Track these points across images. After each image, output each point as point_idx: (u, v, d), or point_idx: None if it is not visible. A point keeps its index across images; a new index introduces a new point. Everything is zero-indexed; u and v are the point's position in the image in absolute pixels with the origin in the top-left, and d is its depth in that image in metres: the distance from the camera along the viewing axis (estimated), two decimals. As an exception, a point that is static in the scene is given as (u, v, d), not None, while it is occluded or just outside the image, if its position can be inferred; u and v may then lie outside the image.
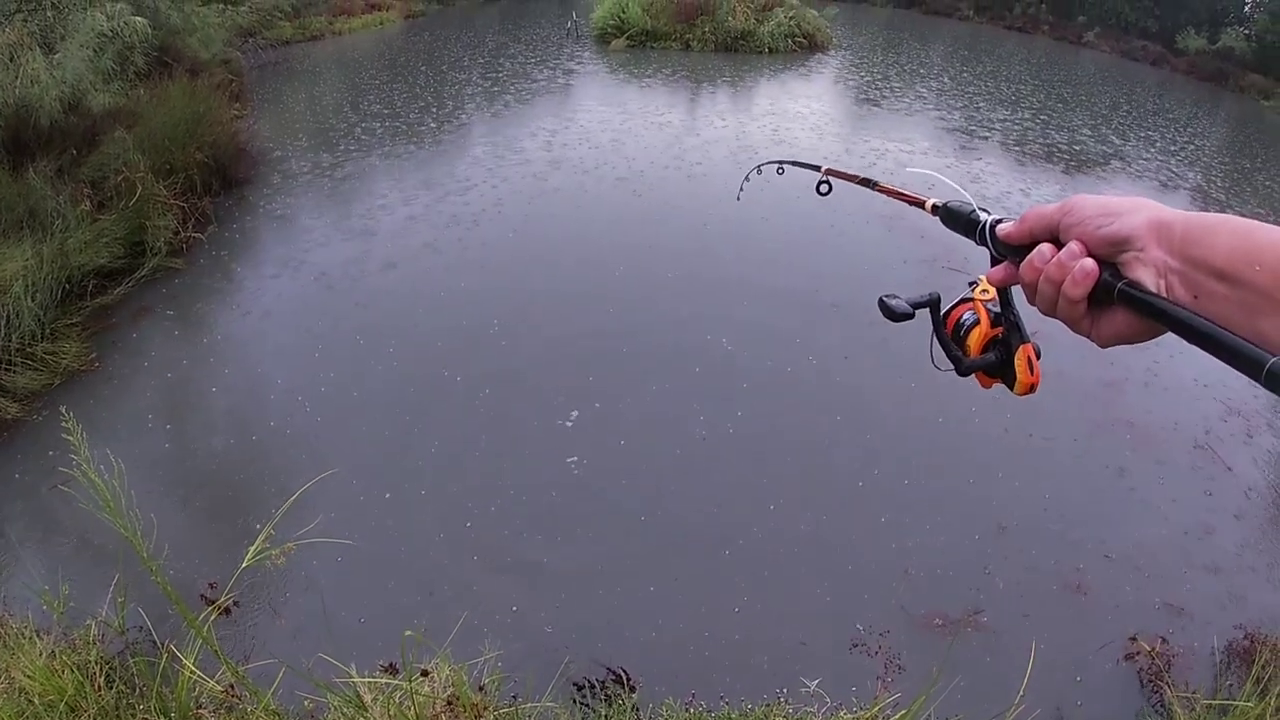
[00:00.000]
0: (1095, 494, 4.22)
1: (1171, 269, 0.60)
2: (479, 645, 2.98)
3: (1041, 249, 0.69)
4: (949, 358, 0.84)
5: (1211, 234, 0.57)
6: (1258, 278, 0.53)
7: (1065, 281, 0.65)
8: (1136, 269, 0.62)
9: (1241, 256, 0.55)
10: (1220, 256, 0.56)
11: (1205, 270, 0.57)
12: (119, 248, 5.77)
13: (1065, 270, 0.65)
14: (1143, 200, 0.63)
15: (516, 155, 9.06)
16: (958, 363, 0.82)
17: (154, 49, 8.89)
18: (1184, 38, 23.48)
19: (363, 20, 18.76)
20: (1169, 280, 0.60)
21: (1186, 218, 0.60)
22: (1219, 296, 0.56)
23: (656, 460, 4.26)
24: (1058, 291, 0.67)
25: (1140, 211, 0.62)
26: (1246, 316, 0.54)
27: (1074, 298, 0.65)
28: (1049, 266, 0.67)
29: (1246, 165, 12.39)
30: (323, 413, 4.51)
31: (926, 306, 0.85)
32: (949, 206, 0.89)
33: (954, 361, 0.83)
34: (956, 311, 0.85)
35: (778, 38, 16.98)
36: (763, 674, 3.11)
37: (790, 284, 6.24)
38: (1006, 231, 0.75)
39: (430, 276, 6.13)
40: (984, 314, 0.82)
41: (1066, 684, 3.14)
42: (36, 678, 2.32)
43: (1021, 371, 0.78)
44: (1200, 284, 0.58)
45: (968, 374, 0.82)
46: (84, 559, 3.44)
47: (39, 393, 4.50)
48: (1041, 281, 0.68)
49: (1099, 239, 0.64)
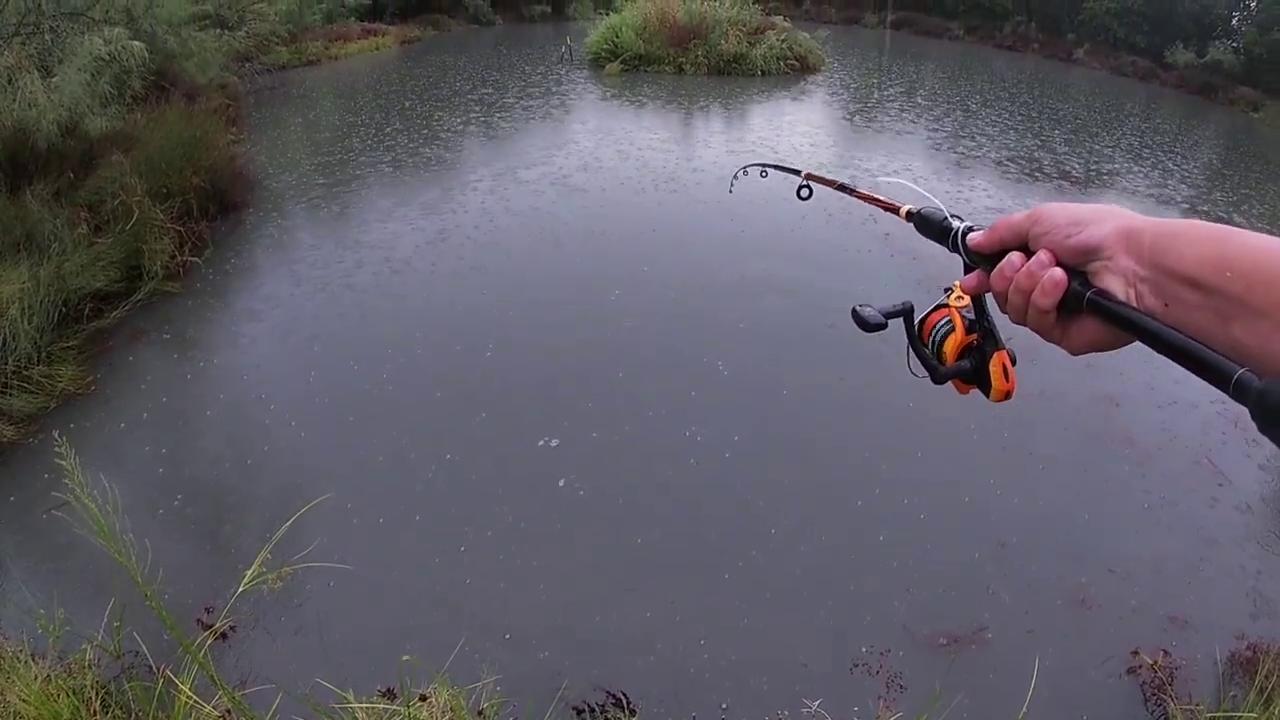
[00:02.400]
0: (1096, 509, 4.20)
1: (1141, 277, 0.59)
2: (477, 669, 2.96)
3: (1011, 258, 0.69)
4: (924, 366, 0.84)
5: (1181, 241, 0.57)
6: (1230, 284, 0.53)
7: (1034, 291, 0.65)
8: (1106, 278, 0.61)
9: (1212, 263, 0.54)
10: (1190, 264, 0.55)
11: (1176, 278, 0.56)
12: (116, 271, 5.77)
13: (1034, 280, 0.65)
14: (1111, 208, 0.63)
15: (512, 179, 9.10)
16: (933, 371, 0.82)
17: (151, 73, 8.95)
18: (1173, 52, 23.73)
19: (359, 45, 18.93)
20: (1139, 289, 0.59)
21: (1155, 225, 0.59)
22: (1191, 304, 0.56)
23: (653, 482, 4.24)
24: (1027, 301, 0.66)
25: (1108, 220, 0.62)
26: (1220, 324, 0.54)
27: (1043, 307, 0.65)
28: (1018, 276, 0.67)
29: (1238, 180, 12.47)
30: (318, 437, 4.50)
31: (900, 316, 0.85)
32: (922, 213, 0.89)
33: (929, 370, 0.83)
34: (932, 318, 0.84)
35: (770, 60, 17.15)
36: (763, 695, 3.09)
37: (786, 305, 6.26)
38: (977, 241, 0.75)
39: (425, 300, 6.13)
40: (959, 321, 0.81)
41: (1070, 699, 3.12)
42: (32, 702, 2.30)
43: (997, 378, 0.77)
44: (1171, 292, 0.57)
45: (943, 382, 0.82)
46: (80, 583, 3.41)
47: (35, 415, 4.49)
48: (1011, 291, 0.68)
49: (1068, 248, 0.64)
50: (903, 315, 0.85)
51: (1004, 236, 0.71)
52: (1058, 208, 0.66)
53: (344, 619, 3.32)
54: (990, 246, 0.73)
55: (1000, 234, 0.71)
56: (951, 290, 0.83)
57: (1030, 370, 5.33)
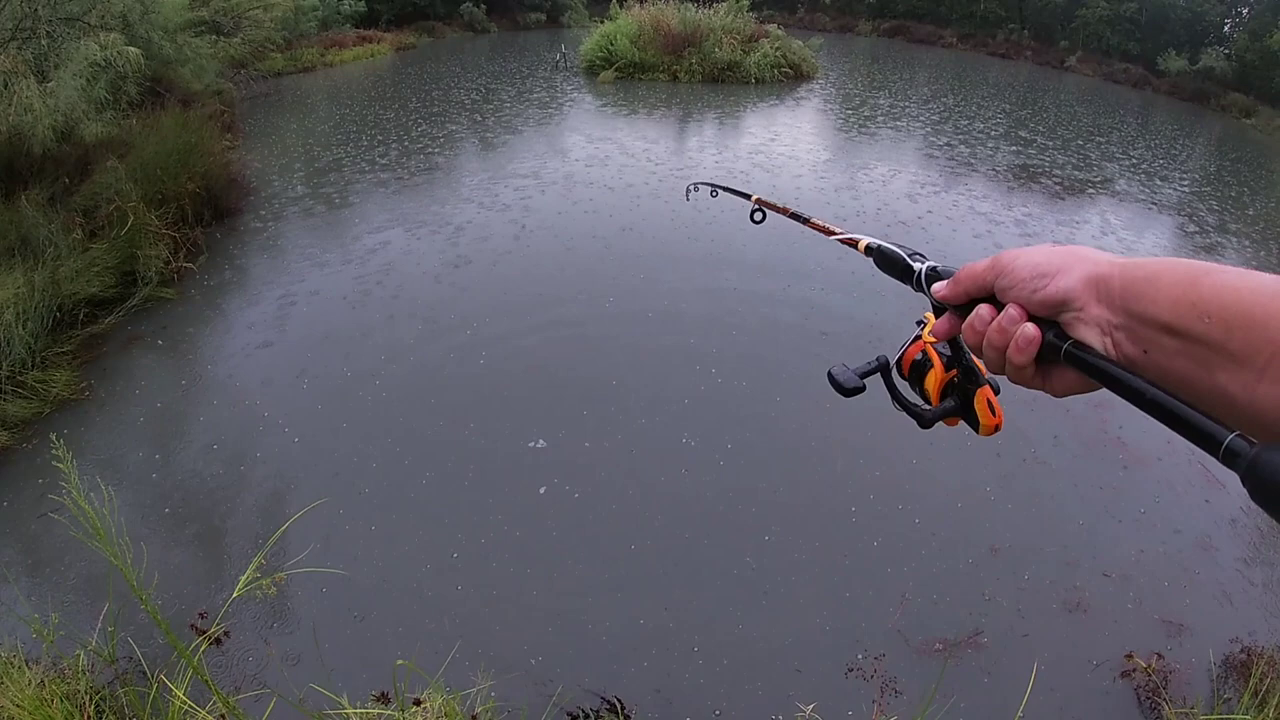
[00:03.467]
0: (1091, 513, 4.22)
1: (1115, 325, 0.57)
2: (471, 675, 2.96)
3: (980, 312, 0.66)
4: (910, 414, 0.81)
5: (1152, 286, 0.54)
6: (1208, 330, 0.50)
7: (1009, 347, 0.62)
8: (1079, 329, 0.59)
9: (1187, 309, 0.51)
10: (1165, 310, 0.53)
11: (1151, 325, 0.54)
12: (110, 276, 5.78)
13: (1006, 336, 0.63)
14: (1076, 252, 0.61)
15: (506, 188, 9.12)
16: (919, 417, 0.79)
17: (147, 79, 8.97)
18: (1165, 59, 23.90)
19: (354, 52, 18.98)
20: (1114, 337, 0.57)
21: (1124, 269, 0.57)
22: (1170, 351, 0.53)
23: (646, 489, 4.24)
24: (1003, 355, 0.64)
25: (1074, 269, 0.59)
26: (1202, 371, 0.51)
27: (1019, 364, 0.63)
28: (990, 331, 0.64)
29: (1231, 186, 12.54)
30: (311, 443, 4.49)
31: (876, 372, 0.82)
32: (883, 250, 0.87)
33: (914, 416, 0.80)
34: (910, 353, 0.82)
35: (764, 68, 17.24)
36: (758, 700, 3.09)
37: (780, 314, 6.28)
38: (942, 294, 0.72)
39: (418, 307, 6.13)
40: (936, 358, 0.79)
41: (1066, 702, 3.12)
42: (26, 707, 2.29)
43: (983, 415, 0.75)
44: (1148, 339, 0.54)
45: (930, 426, 0.79)
46: (74, 588, 3.40)
47: (29, 421, 4.48)
48: (985, 345, 0.65)
49: (1036, 302, 0.61)
50: (879, 371, 0.82)
51: (968, 288, 0.68)
52: (1020, 258, 0.63)
53: (338, 624, 3.32)
54: (956, 298, 0.70)
55: (964, 285, 0.68)
56: (924, 323, 0.81)
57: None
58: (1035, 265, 0.61)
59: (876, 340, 5.70)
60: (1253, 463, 0.44)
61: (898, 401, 0.82)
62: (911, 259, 0.81)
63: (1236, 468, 0.46)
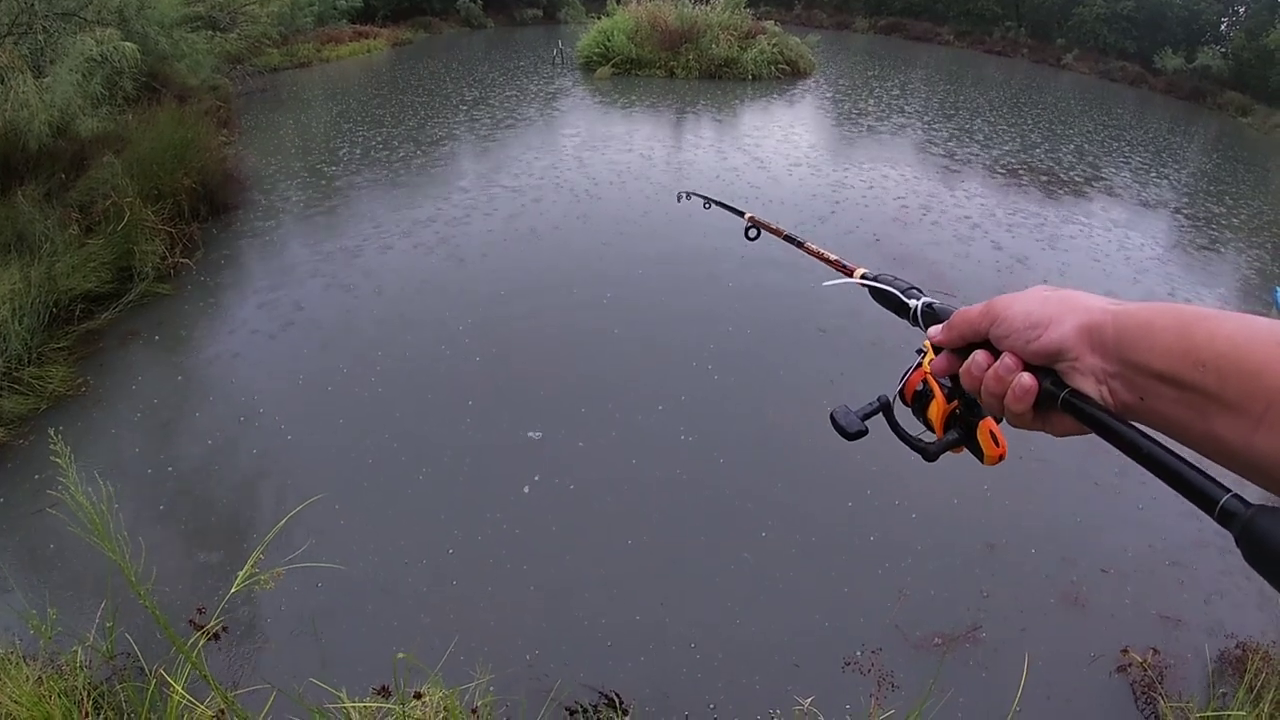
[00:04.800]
0: (1089, 510, 4.23)
1: (1111, 373, 0.57)
2: (470, 669, 2.96)
3: (976, 359, 0.67)
4: (914, 448, 0.80)
5: (1147, 334, 0.54)
6: (1203, 379, 0.50)
7: (1006, 395, 0.63)
8: (1075, 377, 0.59)
9: (1180, 357, 0.51)
10: (1159, 359, 0.53)
11: (1146, 374, 0.54)
12: (107, 272, 5.76)
13: (1003, 384, 0.63)
14: (1069, 300, 0.61)
15: (502, 183, 9.12)
16: (923, 451, 0.79)
17: (143, 74, 8.94)
18: (1162, 57, 23.94)
19: (350, 48, 18.93)
20: (1110, 385, 0.57)
21: (1117, 316, 0.57)
22: (1166, 399, 0.53)
23: (644, 486, 4.24)
24: (1000, 402, 0.65)
25: (1066, 319, 0.59)
26: (1199, 419, 0.51)
27: (1017, 412, 0.63)
28: (986, 379, 0.65)
29: (1227, 185, 12.57)
30: (308, 438, 4.49)
31: (878, 412, 0.82)
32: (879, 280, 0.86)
33: (919, 450, 0.80)
34: (912, 381, 0.82)
35: (761, 64, 17.23)
36: (755, 694, 3.10)
37: (778, 310, 6.28)
38: (937, 339, 0.73)
39: (415, 302, 6.13)
40: (937, 389, 0.78)
41: (1062, 697, 3.13)
42: (23, 704, 2.29)
43: (987, 446, 0.75)
44: (1144, 387, 0.55)
45: (935, 458, 0.79)
46: (71, 584, 3.40)
47: (26, 417, 4.47)
48: (983, 391, 0.66)
49: (1031, 352, 0.61)
50: (881, 411, 0.82)
51: (964, 333, 0.69)
52: (1013, 306, 0.63)
53: (337, 619, 3.32)
54: (951, 343, 0.71)
55: (960, 330, 0.69)
56: (924, 352, 0.80)
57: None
58: (1028, 315, 0.62)
59: (876, 339, 5.70)
60: (1247, 525, 0.45)
61: (900, 437, 0.81)
62: (907, 294, 0.82)
63: (1231, 528, 0.46)
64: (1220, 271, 8.39)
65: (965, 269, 7.27)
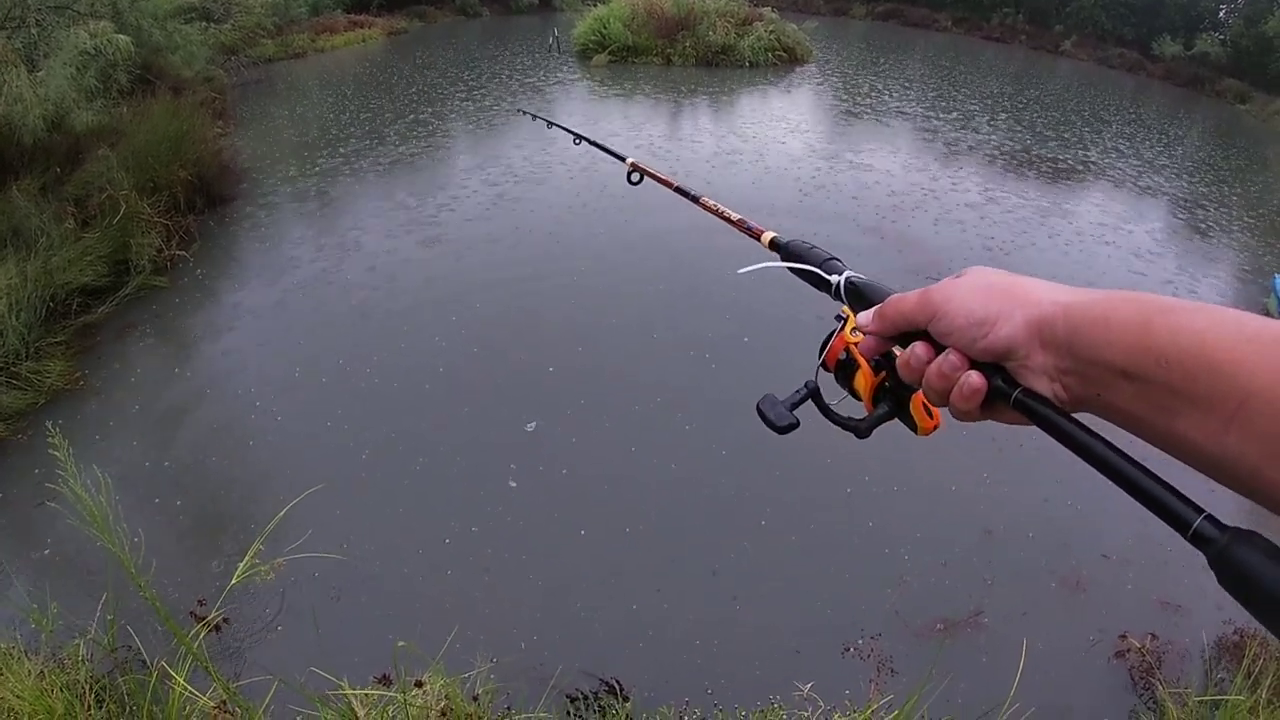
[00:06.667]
0: (1089, 496, 4.23)
1: (1064, 370, 0.53)
2: (471, 657, 2.97)
3: (916, 351, 0.61)
4: (846, 429, 0.76)
5: (1102, 329, 0.50)
6: (1168, 376, 0.46)
7: (952, 394, 0.58)
8: (1025, 376, 0.56)
9: (1142, 354, 0.48)
10: (1119, 355, 0.49)
11: (1104, 369, 0.50)
12: (103, 266, 5.75)
13: (949, 382, 0.58)
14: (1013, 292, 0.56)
15: (499, 172, 9.08)
16: (855, 430, 0.75)
17: (137, 67, 8.90)
18: (1160, 44, 23.85)
19: (345, 38, 18.82)
20: (1064, 382, 0.54)
21: (1068, 310, 0.52)
22: (1125, 394, 0.50)
23: (642, 476, 4.25)
24: (945, 398, 0.60)
25: (1014, 314, 0.55)
26: (1161, 416, 0.48)
27: (964, 410, 0.59)
28: (929, 374, 0.60)
29: (1224, 171, 12.56)
30: (305, 430, 4.49)
31: (808, 399, 0.76)
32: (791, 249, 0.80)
33: (851, 430, 0.75)
34: (835, 348, 0.76)
35: (758, 51, 17.14)
36: (756, 680, 3.11)
37: (776, 301, 6.27)
38: (867, 328, 0.67)
39: (412, 294, 6.12)
40: (861, 359, 0.73)
41: (1061, 681, 3.15)
42: (26, 698, 2.30)
43: (920, 418, 0.71)
44: (1101, 383, 0.51)
45: (868, 435, 0.74)
46: (72, 577, 3.41)
47: (24, 411, 4.47)
48: (925, 385, 0.61)
49: (978, 351, 0.57)
50: (810, 397, 0.76)
51: (898, 324, 0.63)
52: (953, 302, 0.58)
53: (336, 609, 3.33)
54: (884, 332, 0.65)
55: (893, 321, 0.64)
56: (846, 320, 0.75)
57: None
58: (970, 313, 0.57)
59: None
60: (1222, 553, 0.43)
61: (832, 420, 0.76)
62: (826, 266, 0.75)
63: (1204, 551, 0.44)
64: (1219, 258, 8.39)
65: (961, 253, 7.26)
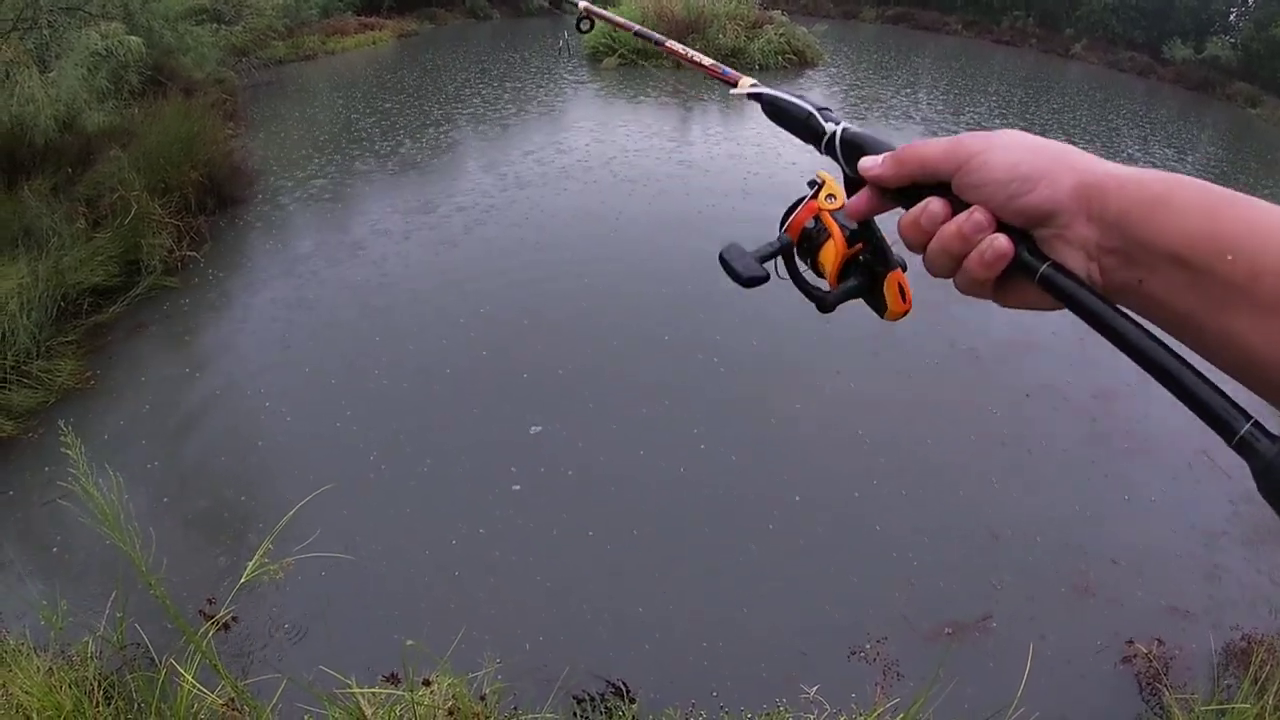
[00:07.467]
0: (1099, 502, 4.22)
1: (1107, 249, 0.48)
2: (478, 657, 2.98)
3: (931, 208, 0.54)
4: (809, 298, 0.70)
5: (1161, 210, 0.45)
6: (1230, 269, 0.42)
7: (970, 258, 0.52)
8: (1058, 248, 0.50)
9: (1205, 242, 0.43)
10: (1177, 240, 0.44)
11: (1156, 254, 0.45)
12: (114, 266, 5.78)
13: (968, 244, 0.52)
14: (1061, 154, 0.50)
15: (510, 173, 9.09)
16: (820, 300, 0.69)
17: (148, 68, 8.95)
18: (1170, 47, 23.71)
19: (355, 40, 18.86)
20: (1103, 263, 0.48)
21: (1122, 183, 0.47)
22: (1174, 284, 0.45)
23: (649, 478, 4.25)
24: (957, 263, 0.53)
25: (1061, 176, 0.49)
26: (1213, 310, 0.43)
27: (981, 279, 0.52)
28: (945, 234, 0.53)
29: (1236, 176, 12.49)
30: (315, 430, 4.51)
31: (778, 254, 0.70)
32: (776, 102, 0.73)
33: (815, 300, 0.70)
34: (800, 217, 0.69)
35: (768, 54, 17.12)
36: (762, 683, 3.11)
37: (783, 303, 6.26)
38: (875, 172, 0.58)
39: (422, 296, 6.14)
40: (834, 226, 0.66)
41: (1068, 687, 3.14)
42: (35, 694, 2.32)
43: (892, 300, 0.65)
44: (1148, 268, 0.46)
45: (832, 309, 0.69)
46: (81, 575, 3.43)
47: (35, 410, 4.50)
48: (935, 247, 0.54)
49: (1011, 210, 0.50)
50: (781, 253, 0.70)
51: (913, 173, 0.56)
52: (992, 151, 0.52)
53: (345, 609, 3.34)
54: (893, 181, 0.57)
55: (910, 169, 0.56)
56: (820, 185, 0.68)
57: (1026, 365, 5.37)
58: (1013, 165, 0.50)
59: (881, 330, 5.69)
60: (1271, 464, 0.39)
61: (798, 285, 0.72)
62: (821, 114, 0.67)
63: (1249, 460, 0.40)
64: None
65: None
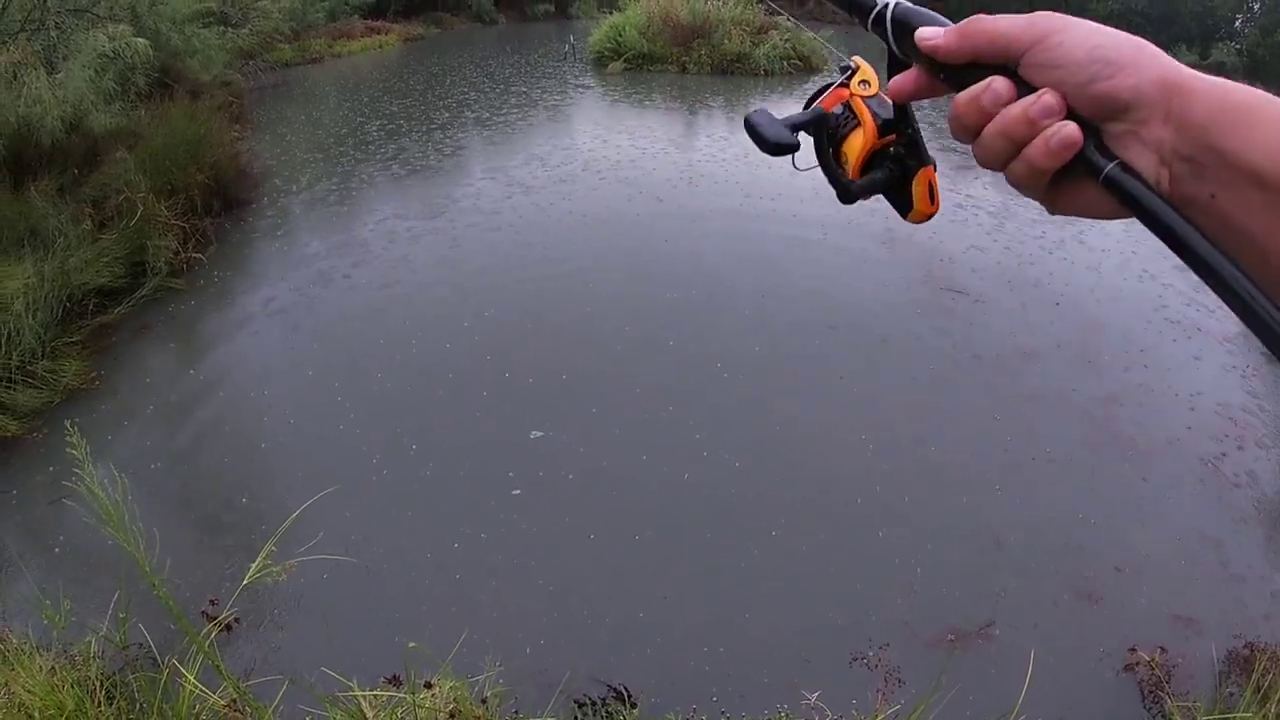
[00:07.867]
0: (1102, 508, 4.20)
1: (1182, 156, 0.44)
2: (479, 661, 2.98)
3: (995, 86, 0.48)
4: (833, 183, 0.65)
5: (1247, 120, 0.42)
6: None
7: (1033, 145, 0.47)
8: (1129, 145, 0.45)
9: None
10: (1260, 156, 0.41)
11: (1235, 169, 0.42)
12: (120, 267, 5.80)
13: (1033, 129, 0.46)
14: (1142, 43, 0.46)
15: (515, 179, 9.11)
16: (845, 189, 0.63)
17: (155, 70, 8.98)
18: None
19: (362, 43, 18.96)
20: (1175, 170, 0.44)
21: (1209, 89, 0.43)
22: (1250, 204, 0.41)
23: (652, 481, 4.25)
24: (1016, 149, 0.48)
25: (1147, 66, 0.45)
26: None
27: (1042, 167, 0.47)
28: (1009, 118, 0.47)
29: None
30: (319, 432, 4.52)
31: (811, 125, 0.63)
32: None
33: (840, 187, 0.64)
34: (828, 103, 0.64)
35: (773, 60, 17.13)
36: (763, 689, 3.11)
37: (787, 306, 6.27)
38: (935, 44, 0.51)
39: (427, 299, 6.15)
40: (866, 114, 0.61)
41: (1070, 694, 3.13)
42: (37, 693, 2.32)
43: (920, 200, 0.60)
44: (1224, 183, 0.42)
45: (854, 201, 0.64)
46: (84, 574, 3.44)
47: (39, 410, 4.51)
48: (993, 132, 0.49)
49: (1087, 97, 0.45)
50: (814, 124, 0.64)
51: (979, 47, 0.49)
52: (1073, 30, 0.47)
53: (347, 611, 3.35)
54: (955, 55, 0.51)
55: (975, 42, 0.49)
56: (854, 70, 0.64)
57: (1028, 370, 5.36)
58: (1096, 46, 0.45)
59: (885, 335, 5.69)
60: None
61: (824, 166, 0.65)
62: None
63: None
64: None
65: (978, 262, 7.22)
